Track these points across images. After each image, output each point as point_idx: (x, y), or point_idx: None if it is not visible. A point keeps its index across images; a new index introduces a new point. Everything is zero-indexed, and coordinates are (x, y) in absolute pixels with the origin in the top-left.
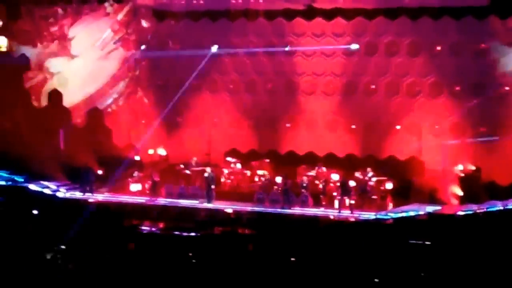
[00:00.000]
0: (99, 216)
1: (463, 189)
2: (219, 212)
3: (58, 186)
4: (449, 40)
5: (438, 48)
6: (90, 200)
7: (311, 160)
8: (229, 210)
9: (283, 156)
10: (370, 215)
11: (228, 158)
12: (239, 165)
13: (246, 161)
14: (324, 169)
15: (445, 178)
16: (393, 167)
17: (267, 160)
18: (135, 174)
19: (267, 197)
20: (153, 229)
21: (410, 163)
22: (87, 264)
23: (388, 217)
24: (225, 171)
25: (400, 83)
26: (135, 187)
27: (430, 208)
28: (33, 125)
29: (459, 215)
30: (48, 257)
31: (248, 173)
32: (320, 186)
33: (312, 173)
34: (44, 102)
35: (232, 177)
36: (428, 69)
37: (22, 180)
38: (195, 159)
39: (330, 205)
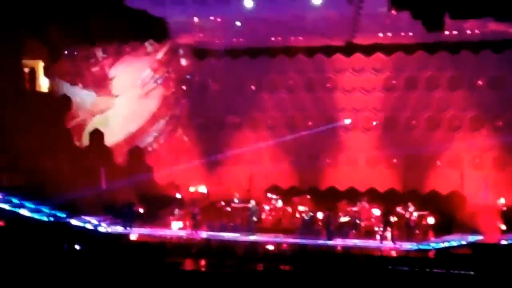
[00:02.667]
0: (141, 252)
1: (505, 222)
2: (261, 245)
3: (99, 221)
4: (489, 74)
5: (479, 82)
6: (132, 236)
7: (352, 195)
8: (271, 244)
9: (324, 192)
10: (412, 246)
11: (269, 195)
12: (280, 202)
13: (287, 198)
14: (366, 204)
15: (487, 212)
16: (435, 202)
17: (308, 196)
18: (176, 211)
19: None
20: (195, 266)
21: (452, 197)
22: None
23: (430, 247)
24: (266, 207)
25: (440, 117)
26: (176, 224)
27: (472, 238)
28: (75, 165)
29: (502, 244)
30: None
31: (289, 209)
32: (358, 222)
33: (355, 208)
34: (85, 141)
35: (273, 213)
36: (469, 103)
37: (64, 215)
38: (237, 195)
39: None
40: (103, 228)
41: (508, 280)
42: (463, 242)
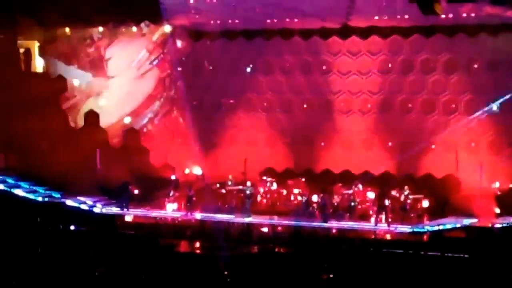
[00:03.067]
0: (135, 233)
1: (499, 206)
2: (256, 227)
3: (94, 202)
4: (485, 57)
5: (475, 65)
6: (127, 217)
7: (347, 178)
8: (266, 226)
9: (319, 174)
10: (406, 228)
11: (264, 177)
12: (275, 184)
13: (282, 180)
14: (360, 187)
15: (482, 196)
16: (430, 185)
17: (303, 179)
18: (171, 193)
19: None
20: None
21: (447, 181)
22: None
23: (425, 230)
24: (261, 190)
25: (436, 101)
26: (171, 206)
27: (466, 221)
28: (70, 146)
29: (496, 227)
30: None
31: (284, 192)
32: (353, 204)
33: (349, 191)
34: (81, 122)
35: (268, 196)
36: (464, 87)
37: (59, 196)
38: (230, 177)
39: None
40: (98, 208)
41: (502, 262)
42: (458, 225)
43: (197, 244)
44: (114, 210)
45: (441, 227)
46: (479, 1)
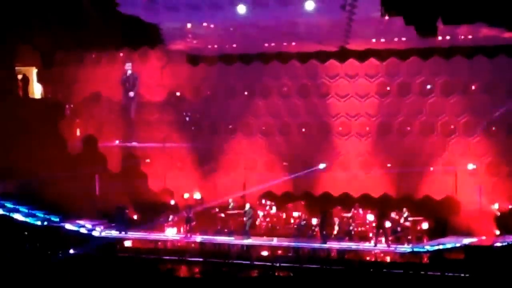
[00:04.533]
0: (135, 258)
1: (499, 227)
2: (256, 248)
3: (93, 225)
4: (483, 79)
5: (472, 87)
6: (126, 242)
7: (346, 201)
8: (266, 248)
9: (318, 197)
10: (406, 248)
11: (263, 201)
12: (274, 208)
13: (281, 204)
14: (360, 211)
15: (482, 217)
16: (429, 207)
17: (302, 202)
18: (170, 218)
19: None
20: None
21: (446, 202)
22: None
23: (425, 250)
24: (261, 213)
25: (434, 123)
26: (170, 231)
27: (466, 240)
28: (68, 171)
29: (496, 246)
30: None
31: (284, 215)
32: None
33: (348, 214)
34: (79, 147)
35: (267, 219)
36: (462, 108)
37: (58, 219)
38: (230, 200)
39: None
40: (97, 232)
41: (502, 282)
42: (458, 245)
43: (197, 269)
44: (114, 233)
45: (441, 247)
46: (476, 23)
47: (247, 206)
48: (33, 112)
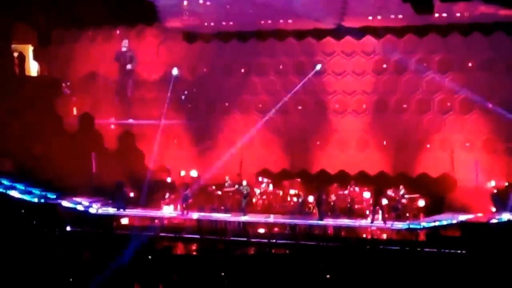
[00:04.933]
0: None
1: (495, 204)
2: (252, 225)
3: (90, 202)
4: (479, 56)
5: (469, 64)
6: (123, 219)
7: (342, 178)
8: (262, 225)
9: (315, 175)
10: (403, 225)
11: (260, 178)
12: (271, 185)
13: (278, 181)
14: (357, 188)
15: (478, 194)
16: (425, 184)
17: (299, 180)
18: (167, 196)
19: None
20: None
21: (442, 180)
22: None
23: (421, 226)
24: (257, 191)
25: (431, 100)
26: (167, 208)
27: (462, 217)
28: (65, 149)
29: (492, 223)
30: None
31: (280, 193)
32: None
33: (345, 192)
34: (76, 125)
35: (264, 197)
36: (459, 86)
37: (55, 197)
38: (227, 178)
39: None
40: (94, 209)
41: (498, 258)
42: (454, 221)
43: (193, 246)
44: (111, 210)
45: (437, 223)
46: (473, 0)
47: (244, 182)
48: (29, 90)
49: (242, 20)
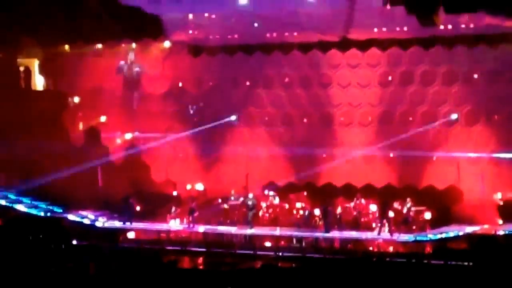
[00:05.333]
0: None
1: (502, 216)
2: (260, 238)
3: (96, 216)
4: (485, 68)
5: (475, 76)
6: (129, 233)
7: (348, 191)
8: (269, 237)
9: (321, 188)
10: (409, 237)
11: (266, 192)
12: (277, 199)
13: (284, 194)
14: (363, 201)
15: (484, 206)
16: (432, 197)
17: (305, 193)
18: (173, 209)
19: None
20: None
21: (449, 192)
22: None
23: (428, 239)
24: (263, 204)
25: (436, 112)
26: (173, 222)
27: (469, 229)
28: (71, 162)
29: (499, 234)
30: None
31: (286, 206)
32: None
33: (351, 204)
34: (82, 139)
35: (270, 210)
36: (464, 98)
37: (61, 210)
38: (233, 192)
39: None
40: (101, 223)
41: (505, 270)
42: (460, 233)
43: (200, 260)
44: (117, 224)
45: (444, 235)
46: (478, 11)
47: (250, 195)
48: (36, 104)
49: (247, 33)
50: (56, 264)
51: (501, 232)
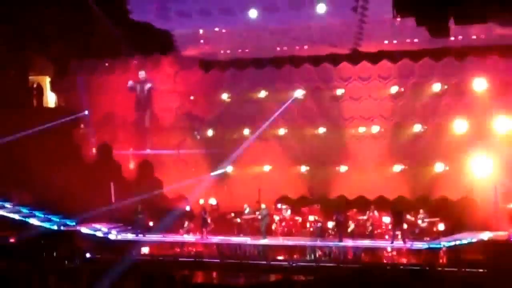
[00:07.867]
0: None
1: None
2: (273, 248)
3: (109, 228)
4: (496, 79)
5: (486, 87)
6: (143, 245)
7: (361, 204)
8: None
9: (333, 201)
10: (423, 244)
11: (279, 205)
12: (289, 212)
13: (297, 208)
14: (376, 213)
15: (499, 217)
16: (445, 208)
17: (318, 206)
18: (186, 224)
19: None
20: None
21: (463, 203)
22: None
23: (441, 246)
24: (276, 218)
25: (448, 123)
26: (186, 237)
27: (483, 235)
28: (83, 180)
29: None
30: None
31: (300, 219)
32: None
33: (364, 217)
34: (94, 156)
35: (283, 223)
36: (476, 108)
37: (74, 224)
38: (246, 206)
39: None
40: (114, 235)
41: None
42: (474, 240)
43: (214, 274)
44: (130, 236)
45: (457, 243)
46: (488, 22)
47: (263, 206)
48: (47, 121)
49: (258, 47)
50: (70, 277)
51: None
